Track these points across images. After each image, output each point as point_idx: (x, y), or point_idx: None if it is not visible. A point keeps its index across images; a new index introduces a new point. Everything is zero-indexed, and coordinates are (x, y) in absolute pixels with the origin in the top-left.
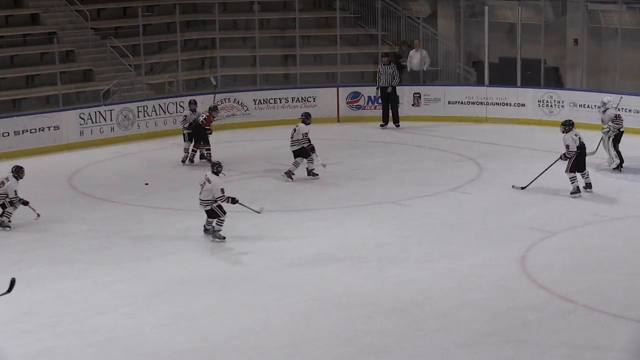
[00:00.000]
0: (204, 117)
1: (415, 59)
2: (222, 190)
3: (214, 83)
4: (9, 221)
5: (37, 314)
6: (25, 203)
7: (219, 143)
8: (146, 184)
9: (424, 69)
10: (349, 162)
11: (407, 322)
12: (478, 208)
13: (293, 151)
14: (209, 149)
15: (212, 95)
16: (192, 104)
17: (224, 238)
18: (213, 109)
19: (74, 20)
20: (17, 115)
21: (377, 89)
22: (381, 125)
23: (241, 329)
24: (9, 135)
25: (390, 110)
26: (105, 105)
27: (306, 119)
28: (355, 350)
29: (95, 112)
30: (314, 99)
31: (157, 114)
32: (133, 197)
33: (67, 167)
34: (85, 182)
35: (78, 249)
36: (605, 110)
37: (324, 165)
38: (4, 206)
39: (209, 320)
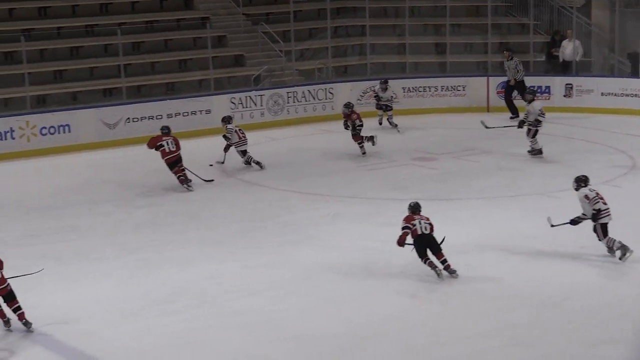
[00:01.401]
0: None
1: (568, 49)
2: None
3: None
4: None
5: (185, 294)
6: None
7: (370, 130)
8: (210, 165)
9: (577, 59)
10: (498, 152)
11: (554, 316)
12: (631, 202)
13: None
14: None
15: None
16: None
17: None
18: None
19: (227, 5)
20: (170, 99)
21: (508, 82)
22: (511, 118)
23: (386, 316)
24: (162, 117)
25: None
26: (255, 90)
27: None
28: (498, 343)
29: (246, 97)
30: (463, 87)
31: (306, 100)
32: (282, 182)
33: (218, 151)
34: (235, 166)
35: (227, 231)
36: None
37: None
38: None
39: (354, 306)
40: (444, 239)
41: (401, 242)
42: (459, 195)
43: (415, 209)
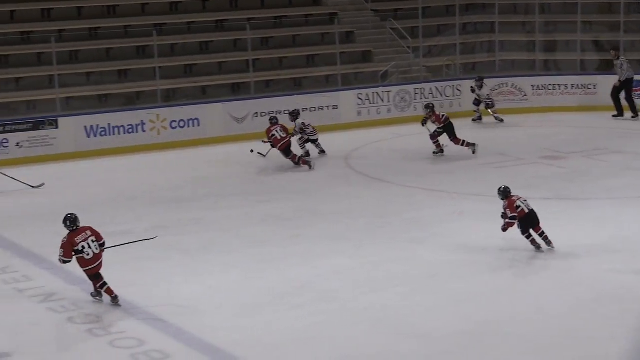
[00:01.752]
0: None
1: None
2: None
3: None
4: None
5: (311, 289)
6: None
7: (493, 128)
8: (251, 150)
9: None
10: (628, 152)
11: None
12: None
13: None
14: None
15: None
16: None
17: None
18: None
19: (355, 1)
20: (297, 94)
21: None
22: (614, 116)
23: (512, 316)
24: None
25: (624, 101)
26: (382, 86)
27: None
28: (625, 346)
29: (373, 93)
30: (594, 86)
31: (433, 97)
32: (408, 179)
33: (344, 146)
34: (361, 162)
35: (353, 227)
36: None
37: None
38: None
39: (479, 305)
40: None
41: (506, 229)
42: (587, 195)
43: (507, 192)
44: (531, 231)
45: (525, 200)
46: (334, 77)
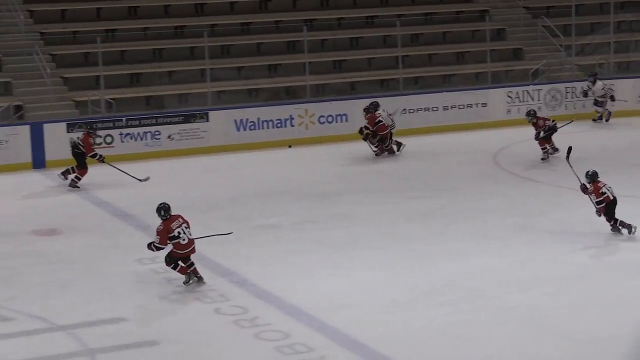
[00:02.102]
0: None
1: None
2: None
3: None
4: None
5: (456, 287)
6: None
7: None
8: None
9: None
10: None
11: None
12: None
13: None
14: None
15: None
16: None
17: None
18: None
19: None
20: (446, 91)
21: None
22: None
23: None
24: (437, 109)
25: None
26: (533, 84)
27: None
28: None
29: (523, 91)
30: None
31: (585, 96)
32: (557, 178)
33: (493, 144)
34: (509, 160)
35: (500, 225)
36: None
37: None
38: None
39: (627, 309)
40: None
41: (600, 214)
42: None
43: (595, 176)
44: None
45: (610, 188)
46: (483, 75)
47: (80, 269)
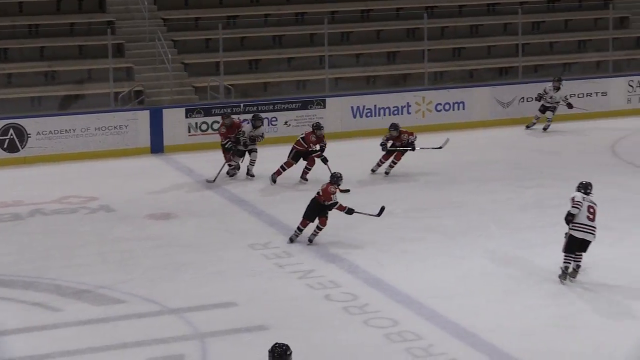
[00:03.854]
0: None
1: None
2: None
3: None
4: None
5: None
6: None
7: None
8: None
9: None
10: None
11: None
12: None
13: None
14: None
15: None
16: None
17: None
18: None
19: None
20: (566, 79)
21: None
22: None
23: None
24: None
25: None
26: None
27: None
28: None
29: None
30: None
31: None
32: None
33: (612, 134)
34: (629, 150)
35: (617, 216)
36: None
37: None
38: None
39: None
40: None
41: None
42: None
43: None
44: None
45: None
46: (604, 63)
47: (193, 253)
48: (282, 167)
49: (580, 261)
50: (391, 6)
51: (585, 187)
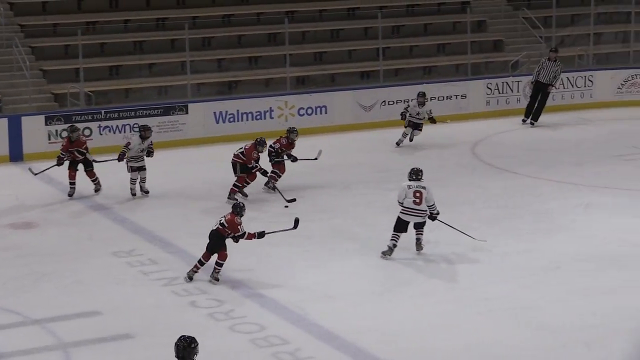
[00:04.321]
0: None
1: None
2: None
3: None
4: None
5: (435, 278)
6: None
7: (626, 120)
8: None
9: None
10: None
11: None
12: None
13: None
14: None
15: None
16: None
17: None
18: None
19: None
20: (426, 83)
21: (533, 82)
22: (523, 121)
23: (637, 310)
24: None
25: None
26: (513, 76)
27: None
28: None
29: (503, 83)
30: None
31: (564, 87)
32: (534, 170)
33: (472, 136)
34: (488, 152)
35: (477, 217)
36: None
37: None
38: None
39: (603, 299)
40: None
41: None
42: None
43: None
44: None
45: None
46: (463, 67)
47: (55, 262)
48: (234, 185)
49: (420, 235)
50: (252, 11)
51: (415, 174)
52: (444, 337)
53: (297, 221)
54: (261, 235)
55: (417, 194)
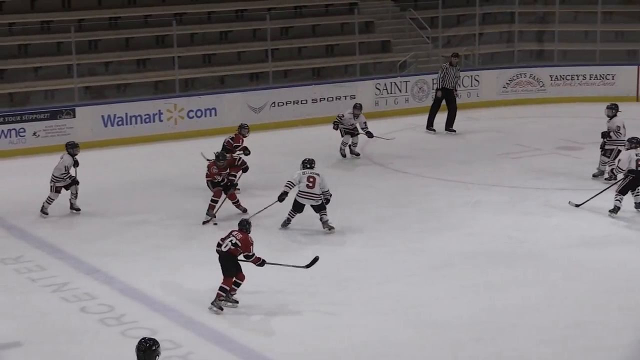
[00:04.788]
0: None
1: None
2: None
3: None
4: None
5: (325, 278)
6: (76, 182)
7: (511, 118)
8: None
9: None
10: None
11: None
12: None
13: None
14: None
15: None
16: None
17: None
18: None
19: None
20: (315, 84)
21: (438, 90)
22: (433, 130)
23: (524, 306)
24: (306, 102)
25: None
26: (401, 76)
27: None
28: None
29: (391, 83)
30: (612, 77)
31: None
32: (424, 169)
33: (361, 136)
34: (378, 152)
35: (367, 216)
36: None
37: None
38: (52, 189)
39: (493, 296)
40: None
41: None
42: (604, 185)
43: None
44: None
45: None
46: (352, 67)
47: None
48: (212, 200)
49: (324, 216)
50: (139, 13)
51: (309, 163)
52: (332, 338)
53: (314, 260)
54: (262, 264)
55: (311, 179)
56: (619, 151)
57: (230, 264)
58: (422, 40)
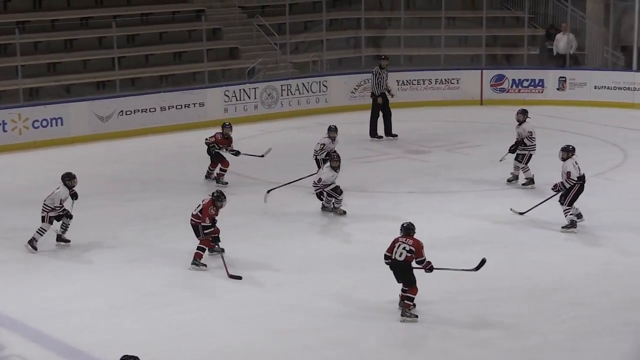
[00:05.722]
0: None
1: (562, 42)
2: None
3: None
4: (36, 241)
5: (178, 287)
6: (69, 216)
7: (359, 123)
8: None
9: (571, 52)
10: (492, 146)
11: (544, 308)
12: (621, 195)
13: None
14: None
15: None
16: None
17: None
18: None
19: None
20: (163, 91)
21: (377, 96)
22: (379, 137)
23: (378, 309)
24: (155, 110)
25: (382, 121)
26: (249, 83)
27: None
28: (488, 334)
29: (240, 90)
30: (457, 81)
31: (300, 93)
32: (275, 175)
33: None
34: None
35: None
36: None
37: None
38: (44, 219)
39: (349, 299)
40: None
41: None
42: (451, 188)
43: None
44: None
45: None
46: (200, 74)
47: None
48: (199, 248)
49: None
50: None
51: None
52: (192, 346)
53: (482, 262)
54: (431, 269)
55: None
56: (531, 156)
57: (407, 271)
58: (270, 47)
